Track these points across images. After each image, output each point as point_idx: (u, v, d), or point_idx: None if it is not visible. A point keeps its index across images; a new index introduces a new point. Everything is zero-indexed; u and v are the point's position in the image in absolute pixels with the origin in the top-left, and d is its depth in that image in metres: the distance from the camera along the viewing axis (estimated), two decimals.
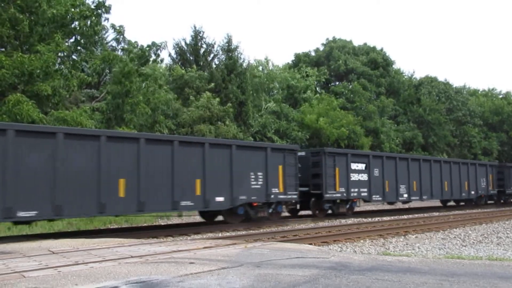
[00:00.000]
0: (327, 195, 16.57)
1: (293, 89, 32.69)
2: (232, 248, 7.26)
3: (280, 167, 14.91)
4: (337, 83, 41.55)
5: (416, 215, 18.27)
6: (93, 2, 17.40)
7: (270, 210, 14.58)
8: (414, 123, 39.08)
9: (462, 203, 25.19)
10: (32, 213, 9.71)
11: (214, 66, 29.02)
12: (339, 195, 17.11)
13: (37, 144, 9.90)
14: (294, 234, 11.38)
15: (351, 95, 36.88)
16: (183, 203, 12.20)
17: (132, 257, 6.28)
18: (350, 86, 38.37)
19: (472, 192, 24.43)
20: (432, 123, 39.23)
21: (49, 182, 9.93)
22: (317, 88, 38.90)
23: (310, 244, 9.53)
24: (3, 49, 15.83)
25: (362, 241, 10.89)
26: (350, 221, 15.50)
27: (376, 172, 18.70)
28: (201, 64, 28.78)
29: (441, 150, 39.60)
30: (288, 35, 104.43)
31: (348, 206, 17.72)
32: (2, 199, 9.32)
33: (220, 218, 14.59)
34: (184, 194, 12.22)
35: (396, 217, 16.99)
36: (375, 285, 4.55)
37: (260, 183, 14.23)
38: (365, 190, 18.14)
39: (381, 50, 43.99)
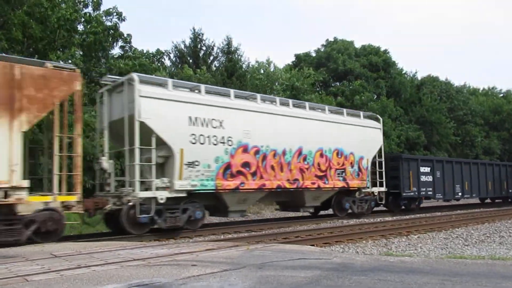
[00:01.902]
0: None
1: (296, 90, 32.71)
2: (234, 250, 7.26)
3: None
4: (337, 82, 41.57)
5: (418, 215, 18.27)
6: (106, 16, 17.56)
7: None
8: (416, 123, 39.04)
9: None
10: None
11: (214, 68, 29.03)
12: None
13: None
14: (296, 235, 11.38)
15: (351, 95, 36.88)
16: None
17: (134, 260, 6.28)
18: (351, 87, 38.40)
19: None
20: (434, 123, 39.20)
21: None
22: (317, 89, 38.92)
23: (312, 245, 9.52)
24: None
25: (364, 241, 10.88)
26: (352, 221, 15.49)
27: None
28: (201, 66, 28.81)
29: (444, 150, 39.57)
30: (290, 35, 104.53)
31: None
32: None
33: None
34: None
35: (398, 218, 16.99)
36: (377, 285, 4.55)
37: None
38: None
39: (384, 51, 43.99)
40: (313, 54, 44.72)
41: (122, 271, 5.38)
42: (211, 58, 30.18)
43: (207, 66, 28.97)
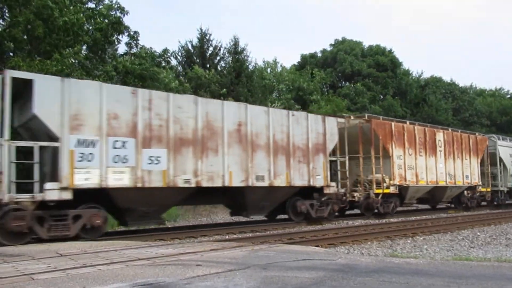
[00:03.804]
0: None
1: (303, 91, 32.73)
2: (238, 250, 7.27)
3: None
4: (345, 83, 41.50)
5: (424, 217, 18.16)
6: (109, 12, 17.56)
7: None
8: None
9: None
10: None
11: (220, 68, 29.07)
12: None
13: None
14: (300, 236, 11.37)
15: (355, 96, 36.84)
16: None
17: (139, 259, 6.31)
18: (354, 88, 38.34)
19: None
20: (443, 123, 39.06)
21: None
22: (325, 90, 38.90)
23: (317, 246, 9.52)
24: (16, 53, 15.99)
25: (369, 243, 10.85)
26: (357, 222, 15.45)
27: None
28: (208, 66, 28.86)
29: None
30: (298, 35, 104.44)
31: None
32: None
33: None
34: None
35: (403, 219, 16.90)
36: (382, 287, 4.54)
37: None
38: None
39: (390, 51, 43.87)
40: (319, 55, 44.67)
41: (127, 270, 5.40)
42: (218, 58, 30.23)
43: (214, 67, 29.03)
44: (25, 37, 15.40)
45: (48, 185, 9.48)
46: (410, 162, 18.36)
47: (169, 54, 21.25)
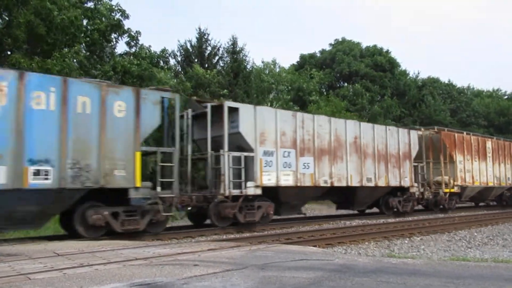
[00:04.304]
0: None
1: (302, 91, 32.73)
2: (236, 250, 7.26)
3: None
4: (343, 84, 41.53)
5: (421, 217, 18.21)
6: (109, 14, 17.54)
7: None
8: (420, 124, 38.96)
9: None
10: None
11: (219, 68, 29.02)
12: None
13: None
14: (298, 236, 11.36)
15: (354, 97, 36.88)
16: None
17: (136, 259, 6.30)
18: (352, 89, 38.37)
19: None
20: (441, 123, 39.11)
21: None
22: (323, 90, 38.91)
23: (315, 246, 9.52)
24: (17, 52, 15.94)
25: (366, 243, 10.86)
26: (354, 222, 15.46)
27: None
28: (206, 66, 28.81)
29: None
30: (297, 35, 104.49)
31: None
32: None
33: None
34: None
35: (400, 219, 16.93)
36: (379, 287, 4.54)
37: None
38: None
39: (387, 52, 43.92)
40: (318, 55, 44.68)
41: (124, 270, 5.39)
42: (216, 58, 30.18)
43: (213, 66, 28.98)
44: (24, 35, 15.37)
45: (248, 184, 12.99)
46: (468, 166, 21.90)
47: (168, 54, 21.22)
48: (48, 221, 10.53)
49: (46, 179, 9.33)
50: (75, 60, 16.07)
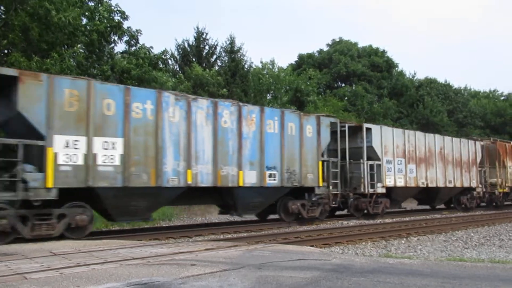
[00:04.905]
0: None
1: (300, 92, 32.73)
2: (233, 250, 7.26)
3: None
4: (340, 84, 41.53)
5: (418, 217, 18.25)
6: (109, 16, 17.46)
7: None
8: (417, 124, 39.05)
9: None
10: None
11: (217, 67, 29.00)
12: None
13: None
14: (295, 236, 11.37)
15: (354, 98, 36.92)
16: None
17: (133, 258, 6.28)
18: (351, 89, 38.39)
19: None
20: (437, 124, 39.17)
21: None
22: (321, 90, 38.92)
23: (312, 246, 9.51)
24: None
25: (364, 243, 10.87)
26: (352, 223, 15.48)
27: None
28: (204, 65, 28.79)
29: None
30: (295, 35, 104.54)
31: None
32: None
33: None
34: None
35: (398, 219, 16.97)
36: (377, 287, 4.55)
37: None
38: None
39: (383, 52, 43.99)
40: (317, 55, 44.68)
41: (121, 269, 5.38)
42: (214, 57, 30.15)
43: (210, 65, 28.94)
44: (19, 37, 15.30)
45: (378, 185, 17.12)
46: None
47: (168, 56, 21.12)
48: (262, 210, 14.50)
49: (274, 180, 13.53)
50: (72, 59, 16.02)
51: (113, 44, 18.90)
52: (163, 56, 20.64)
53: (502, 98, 54.20)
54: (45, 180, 9.17)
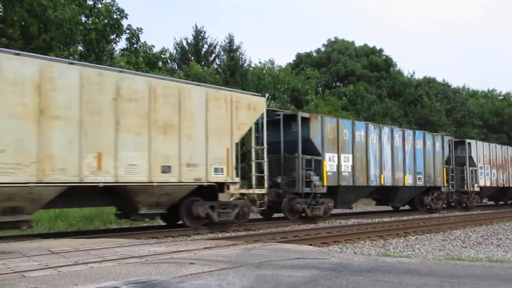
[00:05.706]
0: None
1: (298, 92, 32.73)
2: (232, 249, 7.25)
3: None
4: (339, 84, 41.51)
5: (417, 216, 18.28)
6: (108, 15, 17.42)
7: None
8: (416, 124, 39.08)
9: None
10: None
11: (215, 66, 28.98)
12: None
13: None
14: (294, 235, 11.37)
15: (354, 97, 36.91)
16: None
17: (132, 257, 6.27)
18: (353, 87, 38.37)
19: None
20: (436, 124, 39.19)
21: None
22: (320, 89, 38.90)
23: (310, 245, 9.51)
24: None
25: (362, 242, 10.88)
26: (350, 222, 15.50)
27: None
28: (203, 64, 28.77)
29: None
30: (292, 34, 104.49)
31: None
32: None
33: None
34: None
35: (396, 218, 16.99)
36: (375, 286, 4.55)
37: None
38: None
39: (380, 51, 43.96)
40: (315, 54, 44.65)
41: (119, 268, 5.37)
42: (213, 56, 30.12)
43: (209, 64, 28.92)
44: (18, 33, 15.26)
45: (475, 185, 22.60)
46: None
47: (168, 55, 21.13)
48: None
49: (420, 181, 19.77)
50: (71, 58, 16.00)
51: (113, 44, 18.89)
52: (162, 55, 20.63)
53: (500, 97, 54.27)
54: (322, 181, 15.28)
